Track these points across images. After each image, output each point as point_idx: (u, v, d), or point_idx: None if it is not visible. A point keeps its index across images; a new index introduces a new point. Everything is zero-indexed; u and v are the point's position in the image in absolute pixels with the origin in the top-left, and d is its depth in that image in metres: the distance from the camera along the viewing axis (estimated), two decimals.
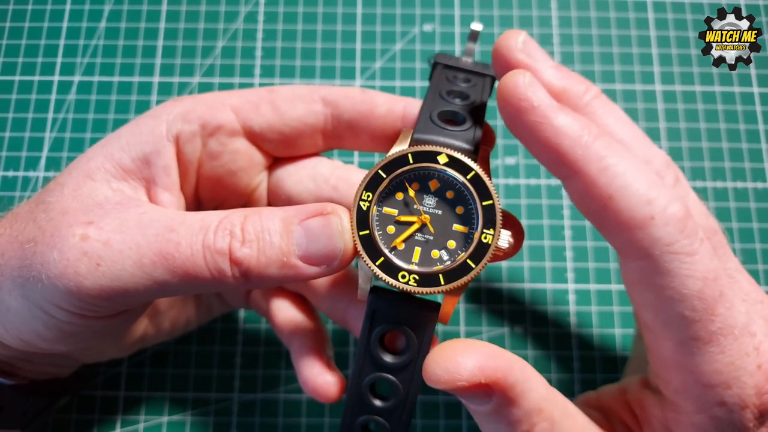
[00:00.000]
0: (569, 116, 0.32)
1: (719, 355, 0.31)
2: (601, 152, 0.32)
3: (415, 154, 0.33)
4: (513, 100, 0.32)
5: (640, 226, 0.31)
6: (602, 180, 0.31)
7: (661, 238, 0.31)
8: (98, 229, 0.33)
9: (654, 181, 0.32)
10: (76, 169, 0.37)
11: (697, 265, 0.31)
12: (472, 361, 0.31)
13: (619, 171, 0.31)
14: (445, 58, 0.40)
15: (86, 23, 0.62)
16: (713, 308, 0.31)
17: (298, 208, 0.33)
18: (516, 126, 0.33)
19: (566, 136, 0.32)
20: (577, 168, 0.32)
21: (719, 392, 0.32)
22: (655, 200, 0.31)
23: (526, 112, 0.32)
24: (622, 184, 0.31)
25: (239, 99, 0.40)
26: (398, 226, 0.34)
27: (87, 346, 0.40)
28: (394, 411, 0.35)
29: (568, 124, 0.32)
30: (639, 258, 0.32)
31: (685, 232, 0.31)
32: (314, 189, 0.40)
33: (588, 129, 0.32)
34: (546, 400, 0.32)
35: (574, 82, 0.37)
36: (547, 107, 0.32)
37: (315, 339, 0.43)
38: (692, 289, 0.31)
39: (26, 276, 0.33)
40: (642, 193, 0.31)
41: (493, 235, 0.32)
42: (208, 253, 0.32)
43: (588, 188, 0.32)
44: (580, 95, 0.36)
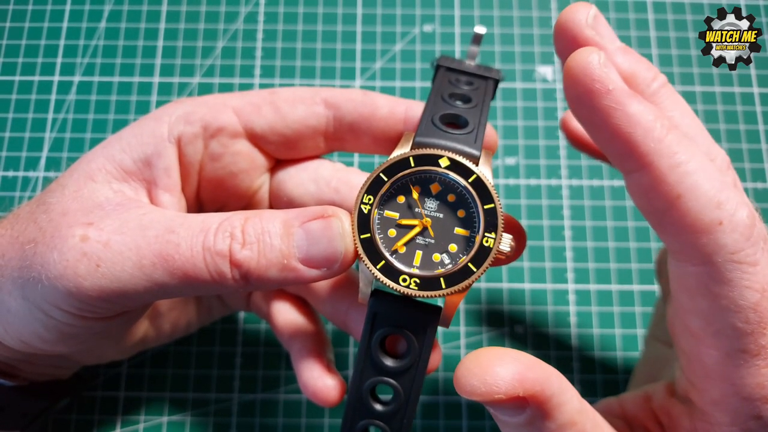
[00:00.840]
0: (642, 104, 0.30)
1: (765, 369, 0.30)
2: (673, 147, 0.29)
3: (417, 157, 0.33)
4: (585, 81, 0.30)
5: (707, 230, 0.29)
6: (672, 177, 0.29)
7: (726, 245, 0.29)
8: (98, 230, 0.33)
9: (723, 183, 0.30)
10: (77, 171, 0.37)
11: (757, 276, 0.29)
12: (510, 372, 0.29)
13: (690, 169, 0.29)
14: (447, 61, 0.40)
15: (86, 23, 0.62)
16: (767, 321, 0.30)
17: (299, 211, 0.33)
18: (585, 110, 0.31)
19: (640, 126, 0.29)
20: (647, 161, 0.30)
21: (758, 406, 0.31)
22: (724, 204, 0.29)
23: (600, 96, 0.30)
24: (693, 183, 0.29)
25: (241, 101, 0.40)
26: (399, 230, 0.33)
27: (87, 348, 0.40)
28: (395, 415, 0.34)
29: (641, 113, 0.30)
30: (699, 264, 0.30)
31: (750, 241, 0.29)
32: (315, 191, 0.40)
33: (661, 120, 0.30)
34: (580, 413, 0.31)
35: (642, 68, 0.34)
36: (622, 92, 0.30)
37: (315, 342, 0.43)
38: (750, 300, 0.29)
39: (26, 277, 0.33)
40: (712, 195, 0.29)
41: (495, 238, 0.32)
42: (208, 254, 0.32)
43: (656, 184, 0.30)
44: (648, 82, 0.34)
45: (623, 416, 0.38)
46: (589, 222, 0.57)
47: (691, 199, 0.29)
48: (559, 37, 0.34)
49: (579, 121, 0.32)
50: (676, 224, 0.30)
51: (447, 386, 0.52)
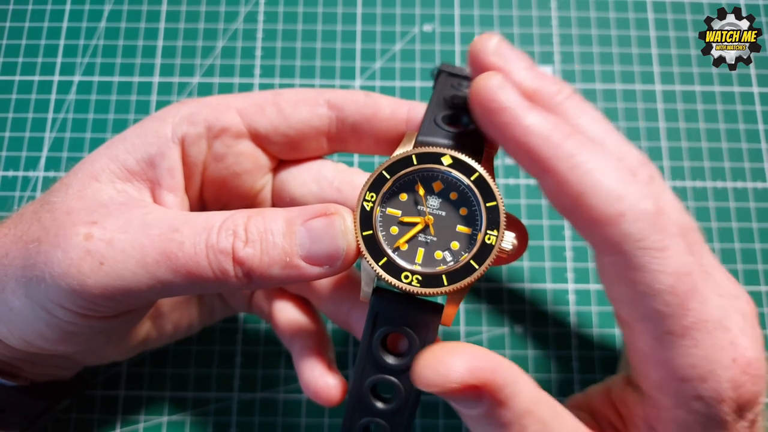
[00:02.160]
0: (539, 116, 0.33)
1: (693, 348, 0.32)
2: (571, 150, 0.32)
3: (419, 155, 0.33)
4: (484, 102, 0.33)
5: (611, 222, 0.31)
6: (573, 177, 0.32)
7: (632, 233, 0.31)
8: (102, 228, 0.33)
9: (625, 178, 0.32)
10: (81, 170, 0.37)
11: (668, 261, 0.31)
12: (462, 363, 0.31)
13: (589, 168, 0.32)
14: (449, 67, 0.41)
15: (86, 23, 0.62)
16: (686, 303, 0.31)
17: (302, 209, 0.34)
18: (489, 126, 0.34)
19: (536, 135, 0.32)
20: (548, 166, 0.32)
21: (695, 386, 0.32)
22: (625, 197, 0.31)
23: (497, 113, 0.33)
24: (593, 181, 0.32)
25: (244, 101, 0.40)
26: (402, 227, 0.34)
27: (89, 347, 0.40)
28: (396, 413, 0.35)
29: (537, 123, 0.32)
30: (612, 254, 0.32)
31: (656, 228, 0.31)
32: (318, 191, 0.40)
33: (558, 128, 0.33)
34: (536, 402, 0.33)
35: (546, 83, 0.36)
36: (517, 107, 0.33)
37: (317, 341, 0.43)
38: (664, 284, 0.31)
39: (30, 275, 0.33)
40: (612, 190, 0.31)
41: (497, 236, 0.32)
42: (211, 252, 0.32)
43: (559, 186, 0.32)
44: (552, 95, 0.36)
45: (588, 408, 0.40)
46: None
47: (593, 195, 0.31)
48: (471, 65, 0.37)
49: (489, 137, 0.35)
50: (583, 219, 0.32)
51: None
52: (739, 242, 0.56)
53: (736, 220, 0.56)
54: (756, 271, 0.55)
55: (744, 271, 0.55)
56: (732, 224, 0.56)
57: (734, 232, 0.56)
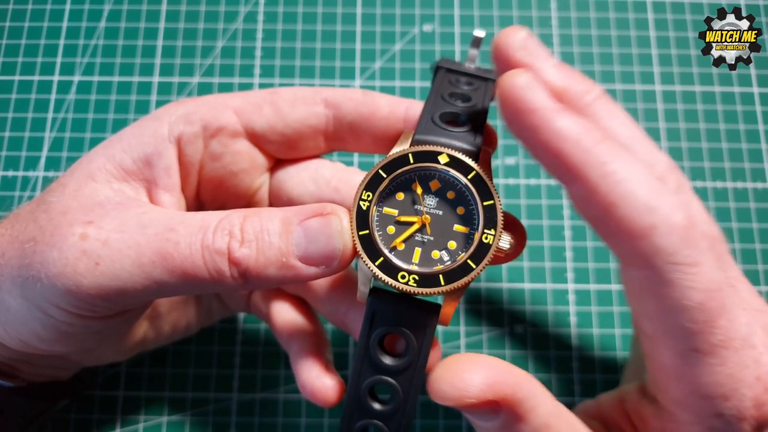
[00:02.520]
0: (570, 119, 0.31)
1: (719, 367, 0.31)
2: (603, 157, 0.30)
3: (416, 153, 0.33)
4: (512, 102, 0.31)
5: (642, 235, 0.30)
6: (604, 187, 0.30)
7: (663, 248, 0.30)
8: (98, 228, 0.33)
9: (657, 189, 0.31)
10: (77, 170, 0.37)
11: (699, 277, 0.30)
12: (481, 378, 0.30)
13: (621, 177, 0.30)
14: (447, 63, 0.40)
15: (86, 23, 0.62)
16: (715, 320, 0.30)
17: (298, 209, 0.33)
18: (516, 128, 0.32)
19: (567, 140, 0.30)
20: (578, 173, 0.31)
21: (718, 404, 0.31)
22: (658, 209, 0.30)
23: (526, 114, 0.31)
24: (625, 191, 0.30)
25: (241, 101, 0.40)
26: (398, 227, 0.33)
27: (86, 348, 0.40)
28: (394, 415, 0.34)
29: (569, 127, 0.31)
30: (640, 267, 0.31)
31: (688, 242, 0.30)
32: (315, 191, 0.40)
33: (590, 133, 0.31)
34: (554, 416, 0.32)
35: (576, 82, 0.35)
36: (548, 109, 0.31)
37: (314, 342, 0.43)
38: (694, 300, 0.30)
39: (26, 275, 0.33)
40: (644, 201, 0.30)
41: (494, 235, 0.32)
42: (206, 252, 0.32)
43: (589, 194, 0.31)
44: (581, 95, 0.35)
45: (600, 417, 0.39)
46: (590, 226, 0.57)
47: (624, 206, 0.30)
48: (496, 60, 0.35)
49: (517, 139, 0.33)
50: (613, 230, 0.31)
51: None
52: (739, 242, 0.56)
53: (736, 221, 0.56)
54: (756, 271, 0.55)
55: (744, 271, 0.55)
56: (732, 224, 0.56)
57: (734, 232, 0.56)
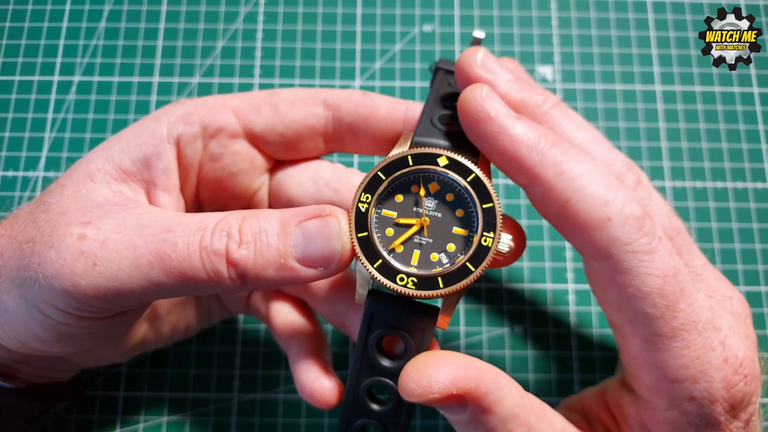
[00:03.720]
0: (525, 125, 0.33)
1: (684, 350, 0.32)
2: (557, 158, 0.33)
3: (415, 156, 0.33)
4: (471, 112, 0.34)
5: (598, 226, 0.32)
6: (559, 184, 0.32)
7: (618, 237, 0.32)
8: (96, 228, 0.33)
9: (610, 183, 0.33)
10: (76, 171, 0.37)
11: (655, 263, 0.32)
12: (444, 374, 0.31)
13: (575, 175, 0.32)
14: (446, 64, 0.40)
15: (86, 23, 0.62)
16: (674, 304, 0.32)
17: (296, 210, 0.33)
18: (475, 136, 0.34)
19: (522, 144, 0.33)
20: (535, 174, 0.33)
21: (687, 387, 0.33)
22: (611, 201, 0.32)
23: (484, 123, 0.33)
24: (579, 186, 0.32)
25: (241, 101, 0.40)
26: (397, 229, 0.33)
27: (84, 348, 0.40)
28: (392, 415, 0.34)
29: (524, 133, 0.33)
30: (600, 258, 0.32)
31: (642, 231, 0.32)
32: (315, 192, 0.40)
33: (544, 136, 0.33)
34: (520, 406, 0.33)
35: (532, 93, 0.37)
36: (504, 117, 0.33)
37: (313, 343, 0.43)
38: (652, 286, 0.32)
39: (24, 276, 0.33)
40: (598, 195, 0.32)
41: (493, 238, 0.32)
42: (204, 254, 0.32)
43: (546, 193, 0.33)
44: (538, 105, 0.37)
45: (581, 410, 0.40)
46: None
47: (579, 201, 0.32)
48: (458, 78, 0.38)
49: (477, 147, 0.35)
50: (571, 225, 0.33)
51: None
52: (739, 242, 0.56)
53: (736, 221, 0.56)
54: (756, 271, 0.55)
55: (744, 271, 0.55)
56: (732, 224, 0.56)
57: (734, 232, 0.56)
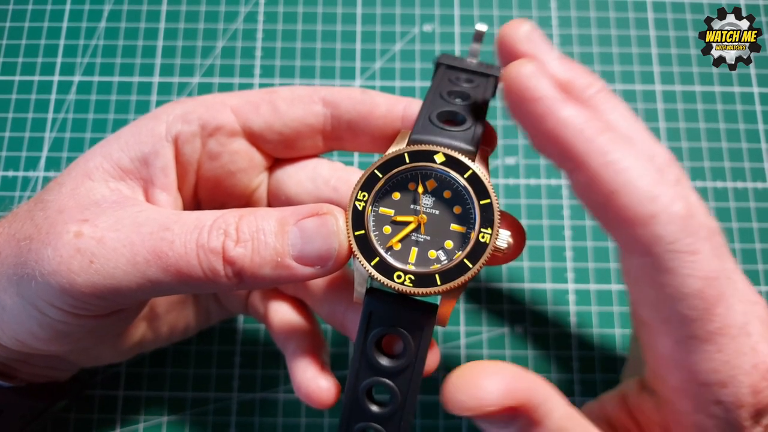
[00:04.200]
0: (574, 109, 0.32)
1: (717, 354, 0.31)
2: (605, 146, 0.31)
3: (412, 153, 0.33)
4: (517, 90, 0.32)
5: (643, 222, 0.31)
6: (606, 175, 0.31)
7: (664, 236, 0.30)
8: (93, 226, 0.33)
9: (657, 179, 0.31)
10: (75, 169, 0.37)
11: (698, 265, 0.31)
12: (498, 384, 0.30)
13: (623, 166, 0.31)
14: (448, 59, 0.40)
15: (86, 23, 0.62)
16: (713, 308, 0.31)
17: (294, 209, 0.33)
18: (520, 116, 0.33)
19: (570, 128, 0.31)
20: (581, 161, 0.31)
21: (716, 391, 0.32)
22: (658, 198, 0.31)
23: (531, 103, 0.32)
24: (626, 179, 0.31)
25: (239, 100, 0.39)
26: (394, 226, 0.33)
27: (82, 347, 0.40)
28: (392, 417, 0.34)
29: (573, 117, 0.32)
30: (641, 254, 0.31)
31: (687, 231, 0.31)
32: (314, 190, 0.40)
33: (593, 123, 0.32)
34: (569, 419, 0.32)
35: (579, 75, 0.36)
36: (552, 98, 0.32)
37: (310, 343, 0.43)
38: (693, 288, 0.31)
39: (21, 274, 0.33)
40: (646, 190, 0.31)
41: (491, 234, 0.32)
42: (201, 251, 0.32)
43: (591, 182, 0.31)
44: (584, 88, 0.36)
45: (605, 418, 0.39)
46: (589, 221, 0.57)
47: (626, 194, 0.31)
48: (500, 52, 0.36)
49: (520, 127, 0.34)
50: (614, 218, 0.31)
51: None
52: (739, 242, 0.56)
53: (736, 220, 0.56)
54: (756, 271, 0.55)
55: (744, 271, 0.55)
56: (732, 224, 0.56)
57: (734, 232, 0.56)
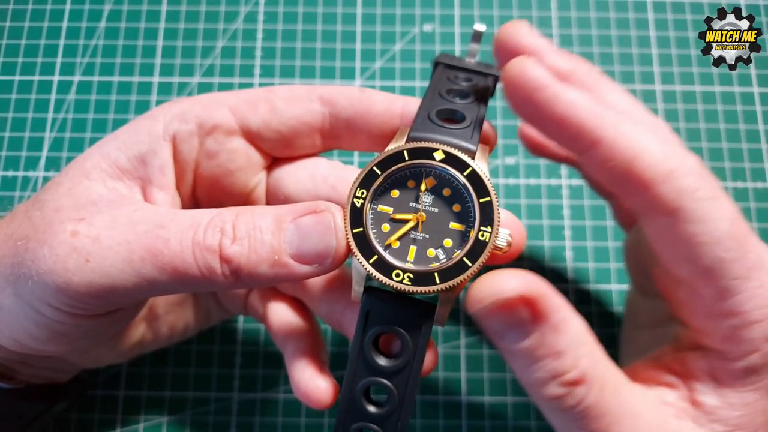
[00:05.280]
0: (578, 92, 0.34)
1: (760, 289, 0.33)
2: (615, 118, 0.33)
3: (411, 150, 0.33)
4: (522, 83, 0.33)
5: (665, 179, 0.32)
6: (622, 143, 0.32)
7: (686, 186, 0.32)
8: (89, 225, 0.33)
9: (666, 140, 0.34)
10: (72, 169, 0.37)
11: (722, 207, 0.32)
12: (517, 280, 0.30)
13: (635, 133, 0.33)
14: (447, 58, 0.40)
15: (86, 23, 0.62)
16: (745, 244, 0.32)
17: (291, 206, 0.33)
18: (528, 108, 0.34)
19: (581, 107, 0.33)
20: (597, 135, 0.33)
21: (766, 326, 0.33)
22: (671, 155, 0.33)
23: (538, 91, 0.33)
24: (642, 144, 0.32)
25: (237, 99, 0.39)
26: (393, 224, 0.33)
27: (80, 347, 0.40)
28: (389, 417, 0.33)
29: (579, 97, 0.33)
30: (668, 212, 0.32)
31: (704, 179, 0.33)
32: (312, 189, 0.40)
33: (597, 101, 0.34)
34: (587, 334, 0.33)
35: (577, 64, 0.38)
36: (556, 85, 0.33)
37: (309, 343, 0.42)
38: (723, 229, 0.32)
39: (18, 273, 0.33)
40: (660, 151, 0.32)
41: (491, 232, 0.32)
42: (197, 250, 0.32)
43: (610, 153, 0.33)
44: (584, 75, 0.38)
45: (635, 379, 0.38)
46: (589, 221, 0.57)
47: (645, 157, 0.32)
48: (499, 51, 0.38)
49: (527, 121, 0.35)
50: (638, 182, 0.33)
51: (447, 386, 0.52)
52: None
53: None
54: None
55: None
56: None
57: None
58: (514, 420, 0.51)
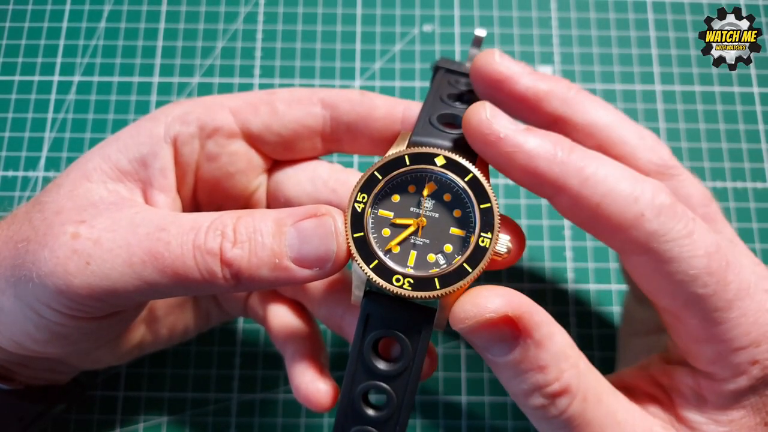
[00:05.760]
0: (539, 137, 0.33)
1: (742, 318, 0.32)
2: (578, 164, 0.32)
3: (412, 155, 0.33)
4: (480, 135, 0.33)
5: (633, 225, 0.32)
6: (586, 190, 0.32)
7: (655, 230, 0.32)
8: (90, 227, 0.33)
9: (636, 177, 0.33)
10: (73, 171, 0.37)
11: (697, 244, 0.32)
12: (499, 297, 0.31)
13: (600, 177, 0.32)
14: (447, 63, 0.40)
15: (86, 23, 0.62)
16: (724, 278, 0.32)
17: (292, 210, 0.33)
18: (490, 157, 0.34)
19: (541, 158, 0.32)
20: (559, 185, 0.32)
21: (751, 352, 0.33)
22: (641, 196, 0.32)
23: (495, 144, 0.33)
24: (607, 189, 0.32)
25: (238, 101, 0.39)
26: (394, 229, 0.33)
27: (80, 349, 0.40)
28: (387, 421, 0.33)
29: (539, 146, 0.33)
30: (641, 253, 0.32)
31: (677, 218, 0.32)
32: (313, 192, 0.40)
33: (560, 145, 0.33)
34: (572, 347, 0.33)
35: (555, 82, 0.38)
36: (515, 133, 0.33)
37: (309, 346, 0.42)
38: (699, 267, 0.32)
39: (18, 275, 0.33)
40: (628, 193, 0.32)
41: (491, 238, 0.32)
42: (198, 253, 0.32)
43: (574, 201, 0.32)
44: (564, 92, 0.37)
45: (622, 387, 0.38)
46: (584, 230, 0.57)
47: (610, 203, 0.32)
48: (476, 82, 0.38)
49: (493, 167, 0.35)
50: (605, 228, 0.33)
51: (447, 386, 0.52)
52: None
53: (736, 221, 0.56)
54: None
55: None
56: (732, 224, 0.56)
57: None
58: (514, 420, 0.51)
